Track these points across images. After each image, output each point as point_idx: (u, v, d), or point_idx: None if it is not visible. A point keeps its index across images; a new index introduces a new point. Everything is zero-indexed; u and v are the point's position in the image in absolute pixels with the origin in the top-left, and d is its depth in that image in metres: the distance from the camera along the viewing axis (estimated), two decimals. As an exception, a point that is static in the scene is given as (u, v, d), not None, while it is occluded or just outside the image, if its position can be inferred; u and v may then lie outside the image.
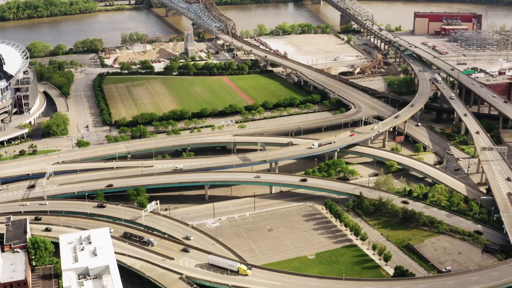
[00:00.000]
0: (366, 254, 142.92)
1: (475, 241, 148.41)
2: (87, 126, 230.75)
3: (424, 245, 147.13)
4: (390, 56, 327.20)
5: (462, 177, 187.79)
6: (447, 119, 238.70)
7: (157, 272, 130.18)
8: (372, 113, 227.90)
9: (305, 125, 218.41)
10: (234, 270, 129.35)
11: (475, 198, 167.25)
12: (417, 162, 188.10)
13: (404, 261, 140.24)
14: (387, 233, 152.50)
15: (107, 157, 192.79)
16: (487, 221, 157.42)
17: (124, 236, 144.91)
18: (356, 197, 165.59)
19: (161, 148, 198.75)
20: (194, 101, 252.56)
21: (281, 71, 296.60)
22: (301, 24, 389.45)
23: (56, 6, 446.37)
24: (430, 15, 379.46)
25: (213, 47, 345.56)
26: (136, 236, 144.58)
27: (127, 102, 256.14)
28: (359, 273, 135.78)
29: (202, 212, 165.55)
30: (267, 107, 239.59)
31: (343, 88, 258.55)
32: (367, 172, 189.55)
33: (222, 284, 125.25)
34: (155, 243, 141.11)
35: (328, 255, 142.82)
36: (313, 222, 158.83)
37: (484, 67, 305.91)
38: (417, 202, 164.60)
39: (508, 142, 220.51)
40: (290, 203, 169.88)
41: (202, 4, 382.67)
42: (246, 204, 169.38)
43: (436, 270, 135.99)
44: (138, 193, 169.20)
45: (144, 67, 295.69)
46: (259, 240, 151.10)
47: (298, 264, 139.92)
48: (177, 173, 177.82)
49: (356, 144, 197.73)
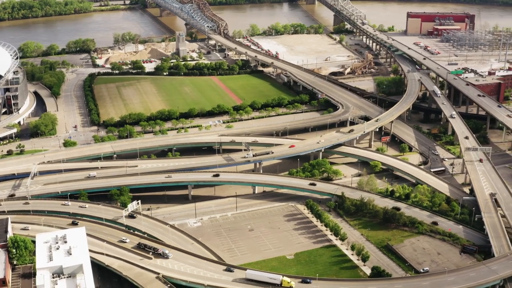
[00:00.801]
0: (345, 254, 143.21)
1: (455, 242, 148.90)
2: (75, 126, 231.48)
3: (404, 245, 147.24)
4: (382, 56, 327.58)
5: (447, 178, 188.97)
6: (435, 119, 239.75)
7: (134, 271, 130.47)
8: (359, 113, 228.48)
9: (292, 125, 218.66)
10: (277, 283, 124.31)
11: (458, 199, 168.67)
12: (401, 163, 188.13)
13: (382, 262, 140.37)
14: (367, 233, 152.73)
15: (93, 157, 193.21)
16: (468, 222, 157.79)
17: (138, 247, 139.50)
18: (338, 197, 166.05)
19: (147, 148, 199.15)
20: (183, 101, 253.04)
21: (271, 71, 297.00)
22: (294, 24, 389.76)
23: (51, 6, 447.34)
24: (423, 15, 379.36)
25: (205, 47, 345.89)
26: (151, 247, 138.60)
27: (116, 102, 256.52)
28: (336, 273, 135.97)
29: (185, 212, 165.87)
30: (255, 107, 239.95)
31: (332, 88, 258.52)
32: (352, 173, 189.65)
33: (198, 283, 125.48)
34: (171, 255, 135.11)
35: (307, 255, 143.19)
36: (294, 222, 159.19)
37: (475, 67, 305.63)
38: (399, 202, 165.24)
39: (495, 142, 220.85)
40: (272, 203, 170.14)
41: (195, 4, 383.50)
42: (229, 204, 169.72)
43: (414, 271, 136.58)
44: (121, 193, 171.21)
45: (135, 67, 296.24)
46: (239, 240, 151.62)
47: (277, 264, 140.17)
48: (161, 173, 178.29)
49: (341, 144, 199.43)
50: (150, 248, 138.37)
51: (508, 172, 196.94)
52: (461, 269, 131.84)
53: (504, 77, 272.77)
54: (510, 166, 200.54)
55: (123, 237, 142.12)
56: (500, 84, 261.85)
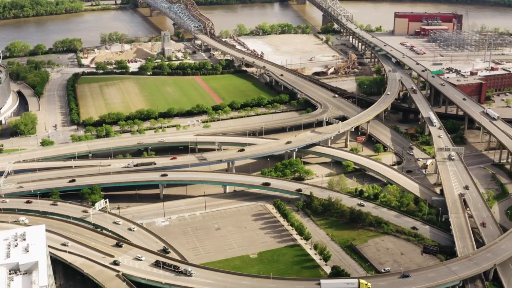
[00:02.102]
0: (308, 254, 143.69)
1: (419, 242, 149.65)
2: (55, 125, 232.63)
3: (367, 245, 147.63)
4: (367, 57, 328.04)
5: (419, 178, 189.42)
6: (414, 119, 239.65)
7: (96, 269, 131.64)
8: (338, 113, 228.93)
9: (269, 125, 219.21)
10: (355, 287, 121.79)
11: (427, 199, 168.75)
12: (373, 162, 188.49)
13: (344, 261, 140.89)
14: (332, 233, 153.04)
15: (68, 156, 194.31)
16: (435, 222, 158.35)
17: (155, 264, 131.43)
18: (307, 197, 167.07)
19: (122, 147, 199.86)
20: (164, 101, 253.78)
21: (254, 71, 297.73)
22: (281, 24, 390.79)
23: (42, 5, 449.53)
24: (410, 15, 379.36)
25: (191, 47, 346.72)
26: (171, 265, 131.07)
27: (98, 102, 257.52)
28: (297, 272, 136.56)
29: (154, 211, 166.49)
30: (234, 107, 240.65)
31: (313, 88, 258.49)
32: (325, 172, 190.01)
33: (156, 281, 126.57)
34: (194, 272, 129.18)
35: (270, 255, 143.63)
36: (261, 222, 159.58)
37: (460, 67, 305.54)
38: (368, 202, 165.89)
39: (472, 142, 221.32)
40: (242, 202, 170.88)
41: (183, 4, 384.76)
42: (199, 203, 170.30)
43: (374, 270, 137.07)
44: (92, 191, 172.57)
45: (119, 67, 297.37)
46: (205, 239, 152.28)
47: (239, 263, 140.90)
48: (133, 173, 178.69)
49: (315, 144, 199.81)
50: (170, 266, 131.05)
51: (482, 172, 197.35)
52: (421, 269, 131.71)
53: (486, 77, 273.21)
54: (485, 166, 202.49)
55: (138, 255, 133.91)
56: (482, 84, 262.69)
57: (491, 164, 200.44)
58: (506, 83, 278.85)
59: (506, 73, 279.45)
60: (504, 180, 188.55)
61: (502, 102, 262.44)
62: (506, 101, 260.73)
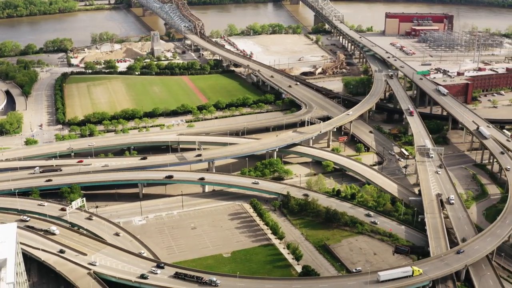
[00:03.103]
0: (281, 253, 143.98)
1: (393, 242, 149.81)
2: (41, 124, 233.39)
3: (341, 245, 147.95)
4: (356, 57, 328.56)
5: (399, 178, 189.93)
6: (399, 119, 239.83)
7: (68, 267, 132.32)
8: (322, 113, 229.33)
9: (253, 125, 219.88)
10: (410, 274, 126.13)
11: (403, 199, 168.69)
12: (353, 162, 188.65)
13: (317, 261, 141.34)
14: (306, 232, 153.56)
15: (50, 155, 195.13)
16: (411, 222, 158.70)
17: (175, 276, 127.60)
18: (284, 196, 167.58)
19: (105, 146, 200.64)
20: (150, 101, 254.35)
21: (242, 71, 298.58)
22: (272, 25, 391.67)
23: (35, 5, 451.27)
24: (401, 16, 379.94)
25: (180, 47, 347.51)
26: (193, 276, 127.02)
27: (84, 101, 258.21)
28: (269, 271, 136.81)
29: (132, 210, 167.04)
30: (219, 106, 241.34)
31: (299, 88, 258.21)
32: (305, 172, 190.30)
33: (126, 279, 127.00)
34: (219, 282, 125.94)
35: (243, 254, 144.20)
36: (237, 221, 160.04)
37: (449, 68, 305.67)
38: (344, 202, 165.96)
39: (455, 143, 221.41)
40: (220, 202, 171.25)
41: (174, 4, 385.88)
42: (177, 202, 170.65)
43: (346, 270, 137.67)
44: (72, 190, 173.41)
45: (108, 66, 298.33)
46: (180, 238, 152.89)
47: (212, 262, 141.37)
48: (113, 172, 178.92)
49: (297, 144, 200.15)
50: (192, 277, 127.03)
51: (463, 173, 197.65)
52: (389, 270, 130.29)
53: (473, 77, 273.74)
54: (466, 167, 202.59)
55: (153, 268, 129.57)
56: (468, 85, 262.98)
57: (473, 165, 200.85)
58: (493, 83, 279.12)
59: (494, 74, 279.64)
60: (485, 181, 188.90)
61: (488, 102, 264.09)
62: (493, 102, 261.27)
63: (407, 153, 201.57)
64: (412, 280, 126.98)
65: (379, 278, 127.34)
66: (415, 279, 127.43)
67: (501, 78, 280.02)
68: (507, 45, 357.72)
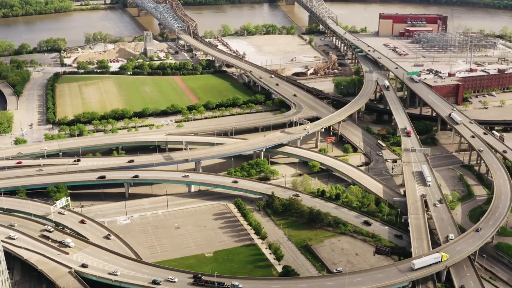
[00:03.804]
0: (262, 253, 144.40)
1: (376, 243, 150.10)
2: (31, 124, 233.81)
3: (323, 245, 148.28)
4: (348, 57, 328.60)
5: (386, 179, 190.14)
6: (388, 120, 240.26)
7: (50, 265, 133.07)
8: (312, 114, 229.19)
9: (241, 125, 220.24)
10: (439, 260, 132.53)
11: (387, 200, 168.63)
12: (340, 163, 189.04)
13: (298, 261, 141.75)
14: (290, 232, 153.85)
15: (38, 154, 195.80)
16: (394, 223, 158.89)
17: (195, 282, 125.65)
18: (269, 196, 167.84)
19: (93, 146, 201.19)
20: (141, 101, 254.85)
21: (234, 71, 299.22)
22: (266, 25, 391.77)
23: (31, 5, 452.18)
24: (395, 17, 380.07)
25: (173, 47, 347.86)
26: (213, 282, 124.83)
27: (75, 101, 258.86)
28: (250, 271, 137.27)
29: (117, 209, 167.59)
30: (209, 107, 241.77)
31: (289, 89, 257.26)
32: (292, 172, 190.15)
33: (106, 278, 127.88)
34: (241, 286, 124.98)
35: (226, 254, 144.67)
36: (221, 221, 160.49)
37: (441, 68, 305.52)
38: (328, 202, 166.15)
39: (443, 144, 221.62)
40: (205, 201, 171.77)
41: (168, 4, 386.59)
42: (163, 202, 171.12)
43: (326, 271, 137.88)
44: (58, 190, 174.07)
45: (100, 66, 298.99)
46: (163, 237, 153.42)
47: (194, 261, 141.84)
48: (98, 171, 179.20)
49: (284, 145, 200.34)
50: (212, 283, 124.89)
51: (450, 174, 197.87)
52: (370, 270, 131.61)
53: (464, 78, 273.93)
54: (453, 167, 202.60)
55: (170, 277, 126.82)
56: (459, 86, 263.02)
57: (460, 166, 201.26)
58: (485, 84, 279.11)
59: (485, 75, 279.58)
60: (472, 182, 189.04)
61: (479, 103, 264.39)
62: (484, 103, 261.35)
63: (384, 144, 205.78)
64: (391, 280, 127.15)
65: (413, 266, 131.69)
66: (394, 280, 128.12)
67: (493, 79, 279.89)
68: (500, 46, 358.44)
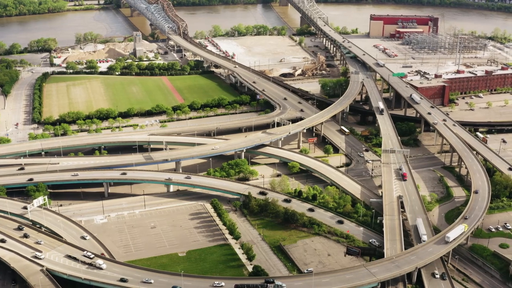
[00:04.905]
0: (235, 253, 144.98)
1: (349, 243, 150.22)
2: (16, 124, 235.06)
3: (296, 246, 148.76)
4: (337, 58, 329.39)
5: (366, 180, 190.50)
6: (373, 122, 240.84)
7: (22, 263, 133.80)
8: (296, 115, 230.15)
9: (225, 126, 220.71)
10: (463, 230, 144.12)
11: (363, 200, 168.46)
12: (319, 164, 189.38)
13: (270, 261, 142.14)
14: (264, 233, 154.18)
15: (21, 154, 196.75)
16: (369, 224, 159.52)
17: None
18: (246, 197, 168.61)
19: (75, 146, 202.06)
20: (127, 101, 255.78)
21: (222, 72, 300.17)
22: (256, 26, 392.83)
23: (25, 5, 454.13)
24: (385, 18, 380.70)
25: (163, 48, 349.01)
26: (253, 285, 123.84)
27: (62, 101, 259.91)
28: (221, 271, 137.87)
29: (95, 208, 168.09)
30: (194, 107, 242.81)
31: (275, 90, 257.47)
32: (272, 173, 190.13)
33: (76, 276, 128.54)
34: (284, 285, 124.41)
35: (199, 253, 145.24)
36: (197, 221, 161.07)
37: (430, 70, 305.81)
38: (305, 203, 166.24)
39: (426, 145, 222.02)
40: (183, 201, 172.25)
41: (160, 5, 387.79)
42: (141, 201, 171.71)
43: (297, 271, 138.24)
44: (37, 189, 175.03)
45: (88, 66, 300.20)
46: (138, 236, 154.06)
47: (167, 261, 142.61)
48: (78, 171, 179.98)
49: (265, 145, 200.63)
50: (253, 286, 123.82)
51: (430, 175, 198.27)
52: (339, 271, 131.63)
53: (451, 80, 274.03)
54: (434, 169, 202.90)
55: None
56: (445, 87, 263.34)
57: (441, 167, 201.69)
58: (472, 86, 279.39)
59: (472, 76, 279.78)
60: (451, 183, 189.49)
61: (466, 105, 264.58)
62: (470, 104, 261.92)
63: (347, 130, 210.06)
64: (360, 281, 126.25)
65: (448, 239, 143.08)
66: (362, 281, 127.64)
67: (480, 80, 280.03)
68: (491, 48, 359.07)
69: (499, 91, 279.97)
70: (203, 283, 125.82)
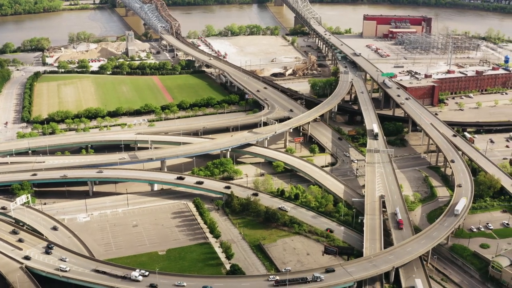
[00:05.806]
0: (215, 252, 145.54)
1: (329, 243, 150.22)
2: (6, 122, 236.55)
3: (275, 245, 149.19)
4: (329, 58, 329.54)
5: (350, 179, 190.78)
6: (361, 121, 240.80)
7: (3, 261, 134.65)
8: (284, 114, 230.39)
9: (212, 125, 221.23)
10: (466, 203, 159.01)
11: (345, 200, 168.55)
12: (304, 163, 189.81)
13: (249, 260, 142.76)
14: (245, 232, 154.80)
15: (7, 152, 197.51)
16: (350, 223, 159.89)
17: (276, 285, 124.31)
18: (229, 196, 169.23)
19: (62, 144, 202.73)
20: (117, 100, 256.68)
21: (213, 71, 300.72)
22: (250, 26, 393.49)
23: (20, 4, 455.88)
24: (379, 18, 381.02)
25: (156, 47, 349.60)
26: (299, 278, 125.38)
27: (52, 100, 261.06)
28: (200, 269, 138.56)
29: (79, 207, 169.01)
30: (183, 106, 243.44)
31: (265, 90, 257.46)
32: (257, 172, 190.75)
33: (54, 274, 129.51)
34: (323, 277, 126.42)
35: (178, 252, 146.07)
36: (179, 220, 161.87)
37: (421, 70, 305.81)
38: (287, 202, 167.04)
39: (413, 145, 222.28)
40: (166, 200, 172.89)
41: (153, 4, 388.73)
42: (124, 200, 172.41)
43: (275, 270, 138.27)
44: (22, 187, 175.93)
45: (80, 66, 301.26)
46: (120, 235, 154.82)
47: (146, 259, 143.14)
48: (63, 169, 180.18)
49: (251, 145, 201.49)
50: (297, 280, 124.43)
51: (415, 175, 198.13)
52: (314, 270, 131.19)
53: (441, 80, 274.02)
54: (419, 169, 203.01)
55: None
56: (434, 87, 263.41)
57: (427, 167, 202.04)
58: (462, 86, 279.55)
59: (462, 76, 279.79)
60: (436, 183, 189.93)
61: (455, 105, 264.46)
62: (459, 104, 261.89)
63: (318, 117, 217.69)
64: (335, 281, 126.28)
65: (457, 212, 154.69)
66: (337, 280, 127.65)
67: (470, 80, 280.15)
68: (483, 48, 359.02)
69: (490, 91, 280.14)
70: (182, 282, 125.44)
